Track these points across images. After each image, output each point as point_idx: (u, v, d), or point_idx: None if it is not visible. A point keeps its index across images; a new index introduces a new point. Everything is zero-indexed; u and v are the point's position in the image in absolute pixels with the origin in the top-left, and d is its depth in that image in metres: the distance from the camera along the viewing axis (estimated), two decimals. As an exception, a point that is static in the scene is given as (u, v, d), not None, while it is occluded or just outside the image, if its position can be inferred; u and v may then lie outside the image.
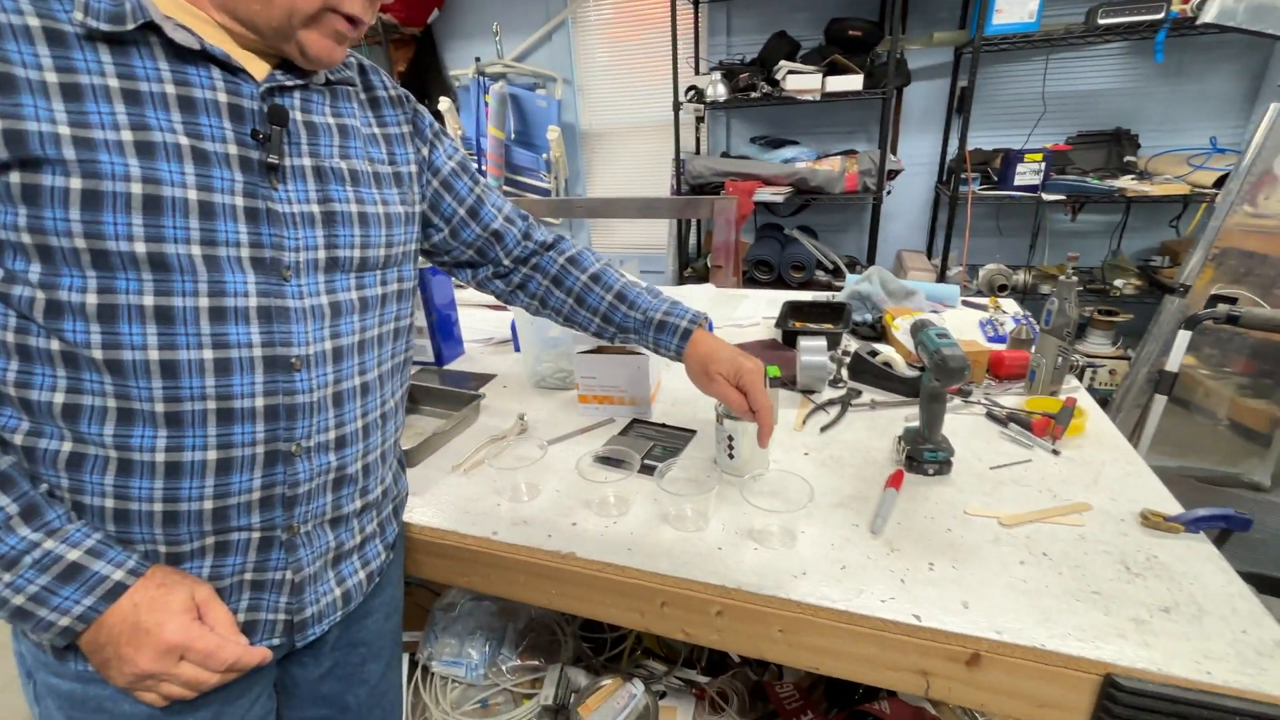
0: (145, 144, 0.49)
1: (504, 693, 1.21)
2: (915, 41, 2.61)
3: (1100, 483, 0.83)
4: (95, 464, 0.52)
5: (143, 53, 0.51)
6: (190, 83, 0.52)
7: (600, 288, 0.83)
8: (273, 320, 0.55)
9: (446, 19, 3.33)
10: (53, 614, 0.51)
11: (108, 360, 0.50)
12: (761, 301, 1.62)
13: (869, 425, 1.01)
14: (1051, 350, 1.03)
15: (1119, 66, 2.50)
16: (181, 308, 0.51)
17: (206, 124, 0.52)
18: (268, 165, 0.55)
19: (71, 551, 0.51)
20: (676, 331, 0.81)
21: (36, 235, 0.48)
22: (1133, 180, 2.34)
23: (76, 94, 0.48)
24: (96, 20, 0.48)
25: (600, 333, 0.86)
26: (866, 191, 2.59)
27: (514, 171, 3.30)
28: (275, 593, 0.61)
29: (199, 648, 0.54)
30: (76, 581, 0.51)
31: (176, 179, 0.50)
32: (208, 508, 0.55)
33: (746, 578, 0.70)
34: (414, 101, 0.73)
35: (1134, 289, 2.42)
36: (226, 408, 0.54)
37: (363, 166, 0.63)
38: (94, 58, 0.49)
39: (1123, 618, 0.62)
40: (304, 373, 0.58)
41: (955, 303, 1.53)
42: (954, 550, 0.72)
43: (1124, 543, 0.72)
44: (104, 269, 0.49)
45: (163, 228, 0.50)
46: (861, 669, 0.66)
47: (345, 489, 0.64)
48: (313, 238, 0.58)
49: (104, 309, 0.50)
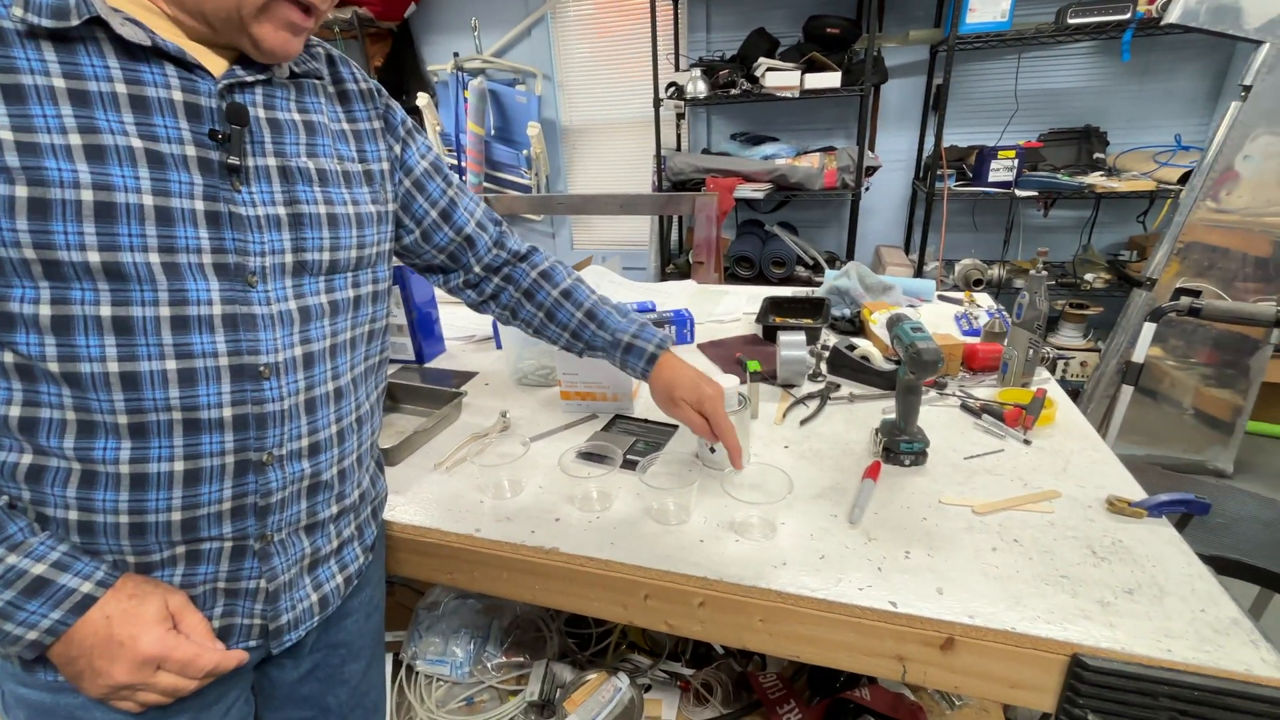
0: (95, 148, 0.47)
1: (489, 690, 1.21)
2: (892, 39, 2.64)
3: (1069, 471, 0.86)
4: (57, 476, 0.51)
5: (90, 50, 0.48)
6: (143, 81, 0.49)
7: (571, 304, 0.85)
8: (239, 328, 0.54)
9: (424, 13, 3.29)
10: (19, 628, 0.49)
11: (65, 373, 0.49)
12: (742, 297, 1.64)
13: (847, 418, 1.02)
14: (1023, 343, 1.05)
15: (1088, 65, 2.56)
16: (141, 317, 0.50)
17: (161, 125, 0.50)
18: (229, 166, 0.53)
19: (36, 565, 0.50)
20: (643, 355, 0.83)
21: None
22: (1102, 177, 2.40)
23: (18, 95, 0.45)
24: (38, 16, 0.45)
25: (569, 347, 0.87)
26: (845, 188, 2.62)
27: (494, 168, 3.28)
28: (250, 600, 0.60)
29: (176, 657, 0.54)
30: (43, 595, 0.50)
31: (130, 184, 0.48)
32: (176, 519, 0.54)
33: (728, 569, 0.71)
34: (386, 96, 0.71)
35: (1104, 283, 2.48)
36: (193, 418, 0.52)
37: (331, 165, 0.61)
38: (36, 56, 0.46)
39: (1089, 600, 0.64)
40: (273, 380, 0.56)
41: (931, 297, 1.56)
42: (929, 538, 0.74)
43: (1090, 528, 0.75)
44: (57, 279, 0.47)
45: (117, 235, 0.48)
46: (840, 656, 0.68)
47: (320, 495, 0.63)
48: (279, 241, 0.56)
49: (58, 320, 0.48)
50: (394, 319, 1.28)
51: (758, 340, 1.36)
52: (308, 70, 0.61)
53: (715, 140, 3.13)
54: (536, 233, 3.65)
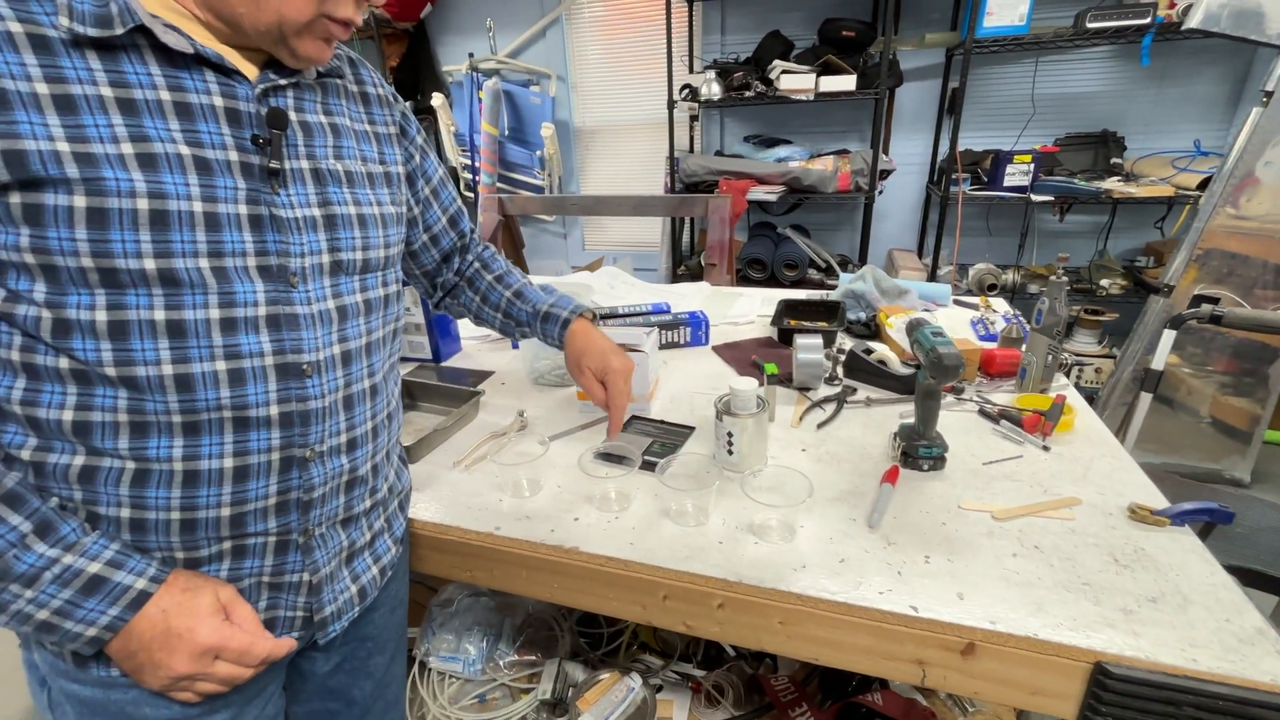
0: (147, 156, 0.48)
1: (501, 687, 1.21)
2: (907, 43, 2.63)
3: (1089, 478, 0.86)
4: (110, 475, 0.52)
5: (133, 57, 0.48)
6: (185, 88, 0.50)
7: (502, 286, 0.89)
8: (282, 328, 0.55)
9: (439, 14, 3.32)
10: (79, 625, 0.51)
11: (121, 376, 0.50)
12: (756, 300, 1.64)
13: (864, 422, 1.02)
14: (1042, 349, 1.05)
15: (1106, 70, 2.54)
16: (193, 320, 0.51)
17: (205, 131, 0.51)
18: (269, 170, 0.54)
19: (91, 565, 0.51)
20: (558, 321, 0.86)
21: (41, 255, 0.46)
22: (1119, 182, 2.38)
23: (70, 106, 0.46)
24: (83, 25, 0.46)
25: (504, 329, 0.91)
26: (859, 191, 2.61)
27: (507, 168, 3.30)
28: (293, 593, 0.62)
29: (233, 646, 0.55)
30: (100, 593, 0.51)
31: (181, 191, 0.49)
32: (225, 514, 0.55)
33: (747, 571, 0.71)
34: (403, 103, 0.73)
35: (1120, 289, 2.46)
36: (242, 416, 0.54)
37: (357, 167, 0.63)
38: (83, 65, 0.46)
39: (1112, 608, 0.64)
40: (315, 378, 0.58)
41: (947, 302, 1.55)
42: (949, 543, 0.74)
43: (1112, 536, 0.74)
44: (113, 286, 0.48)
45: (170, 242, 0.49)
46: (859, 659, 0.68)
47: (357, 490, 0.65)
48: (316, 242, 0.57)
49: (115, 325, 0.49)
50: (412, 317, 1.29)
51: (773, 343, 1.36)
52: (331, 69, 0.62)
53: (728, 142, 3.14)
54: (548, 233, 3.67)
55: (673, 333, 1.34)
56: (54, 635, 0.51)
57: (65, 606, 0.50)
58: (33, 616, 0.49)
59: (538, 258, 3.68)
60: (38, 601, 0.49)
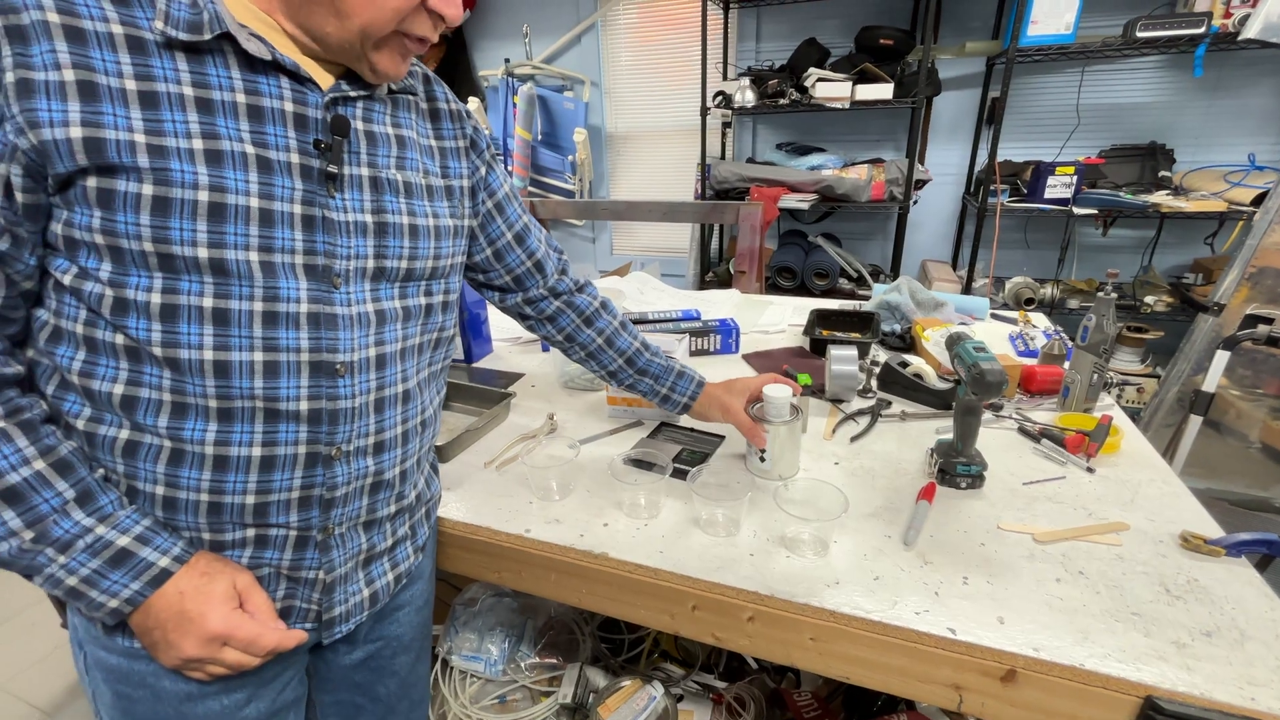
0: (214, 152, 0.51)
1: (522, 689, 1.22)
2: (947, 51, 2.59)
3: (1137, 503, 0.82)
4: (149, 452, 0.54)
5: (217, 61, 0.52)
6: (260, 92, 0.53)
7: (628, 334, 0.92)
8: (320, 326, 0.56)
9: (478, 20, 3.37)
10: (102, 596, 0.53)
11: (167, 357, 0.52)
12: (787, 308, 1.62)
13: (899, 436, 1.00)
14: (1087, 367, 1.02)
15: (1155, 80, 2.46)
16: (237, 311, 0.53)
17: (272, 133, 0.53)
18: (327, 174, 0.56)
19: (121, 537, 0.53)
20: (693, 380, 0.94)
21: (109, 236, 0.49)
22: (1167, 196, 2.30)
23: (153, 102, 0.49)
24: (176, 30, 0.49)
25: (618, 371, 0.92)
26: (893, 200, 2.57)
27: (539, 172, 3.33)
28: (308, 588, 0.63)
29: (240, 636, 0.56)
30: (125, 566, 0.53)
31: (241, 187, 0.51)
32: (250, 502, 0.56)
33: (779, 584, 0.70)
34: (474, 119, 0.74)
35: (1165, 306, 2.38)
36: (273, 408, 0.55)
37: (417, 179, 0.64)
38: (171, 65, 0.50)
39: (1163, 640, 0.61)
40: (348, 378, 0.58)
41: (985, 315, 1.52)
42: (988, 565, 0.72)
43: (1163, 564, 0.71)
44: (169, 271, 0.51)
45: (225, 234, 0.51)
46: (893, 680, 0.66)
47: (381, 494, 0.65)
48: (363, 247, 0.59)
49: (166, 308, 0.51)
50: (445, 318, 1.31)
51: (804, 353, 1.34)
52: (405, 88, 0.64)
53: (760, 149, 3.12)
54: (577, 237, 3.69)
55: (703, 340, 1.34)
56: (81, 602, 0.53)
57: (93, 575, 0.52)
58: (63, 582, 0.52)
59: (566, 261, 3.70)
60: (68, 568, 0.51)
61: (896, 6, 2.67)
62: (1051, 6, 2.14)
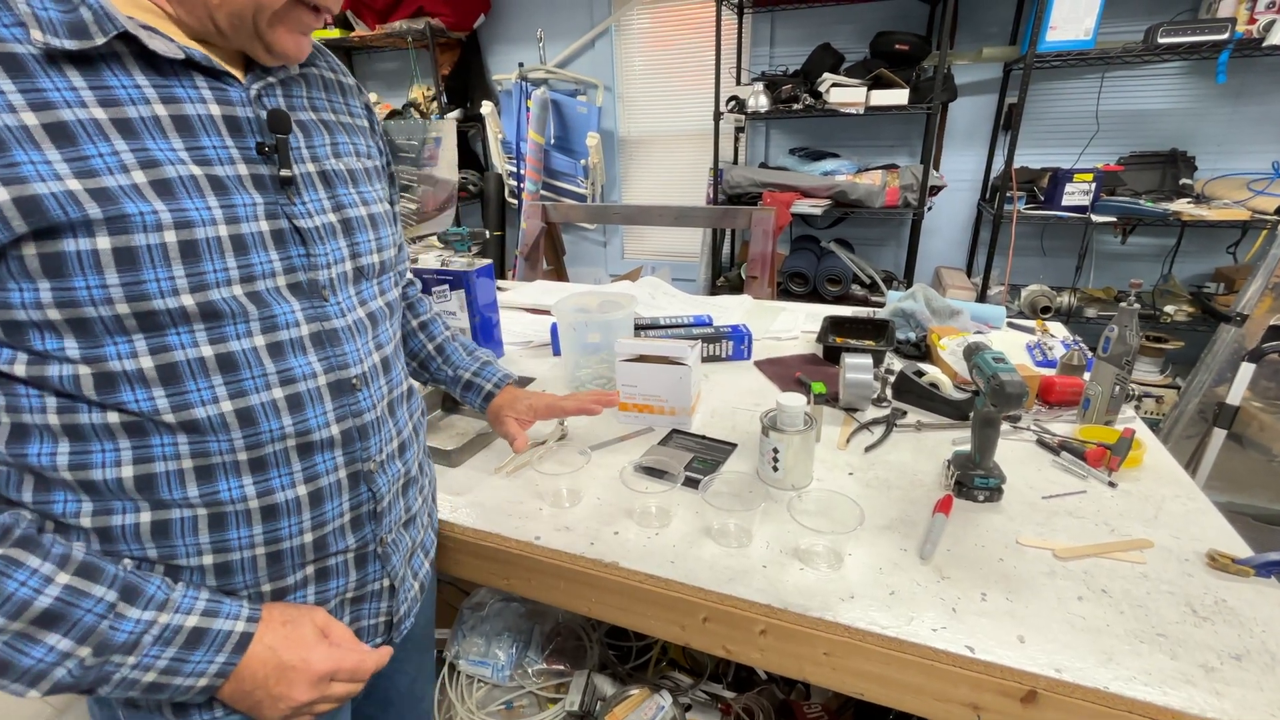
0: (161, 182, 0.43)
1: (529, 696, 1.21)
2: (964, 56, 2.57)
3: (1161, 519, 0.80)
4: (185, 526, 0.49)
5: (114, 69, 0.42)
6: (178, 98, 0.45)
7: (425, 335, 0.88)
8: (326, 344, 0.54)
9: (492, 24, 3.39)
10: (189, 679, 0.49)
11: (181, 421, 0.47)
12: (800, 315, 1.61)
13: (915, 447, 0.99)
14: (1108, 379, 1.00)
15: (1177, 86, 2.42)
16: (240, 351, 0.48)
17: (210, 145, 0.46)
18: (281, 180, 0.50)
19: (188, 618, 0.48)
20: (481, 392, 0.89)
21: (67, 309, 0.42)
22: (1189, 204, 2.27)
23: (66, 135, 0.40)
24: (56, 36, 0.39)
25: (415, 375, 0.90)
26: (907, 206, 2.55)
27: (551, 176, 3.34)
28: (375, 601, 0.62)
29: (347, 667, 0.55)
30: (204, 644, 0.49)
31: (205, 216, 0.45)
32: (308, 540, 0.55)
33: (793, 597, 0.69)
34: (365, 94, 0.68)
35: (1186, 316, 2.34)
36: (306, 442, 0.53)
37: (354, 163, 0.59)
38: (65, 84, 0.40)
39: (1191, 663, 0.59)
40: (365, 390, 0.57)
41: (1001, 324, 1.49)
42: (1007, 581, 0.70)
43: (1189, 584, 0.69)
44: (151, 330, 0.44)
45: (204, 274, 0.45)
46: (908, 698, 0.65)
47: (411, 490, 0.66)
48: (338, 250, 0.55)
49: (164, 370, 0.45)
50: (458, 321, 1.31)
51: (817, 360, 1.33)
52: (309, 60, 0.58)
53: (773, 154, 3.11)
54: (588, 241, 3.69)
55: (714, 346, 1.33)
56: (164, 693, 0.49)
57: (171, 664, 0.48)
58: (139, 681, 0.47)
59: (577, 265, 3.70)
60: (142, 666, 0.47)
61: (912, 12, 2.65)
62: (1071, 12, 2.12)
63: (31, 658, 0.43)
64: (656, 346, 1.05)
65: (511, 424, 0.86)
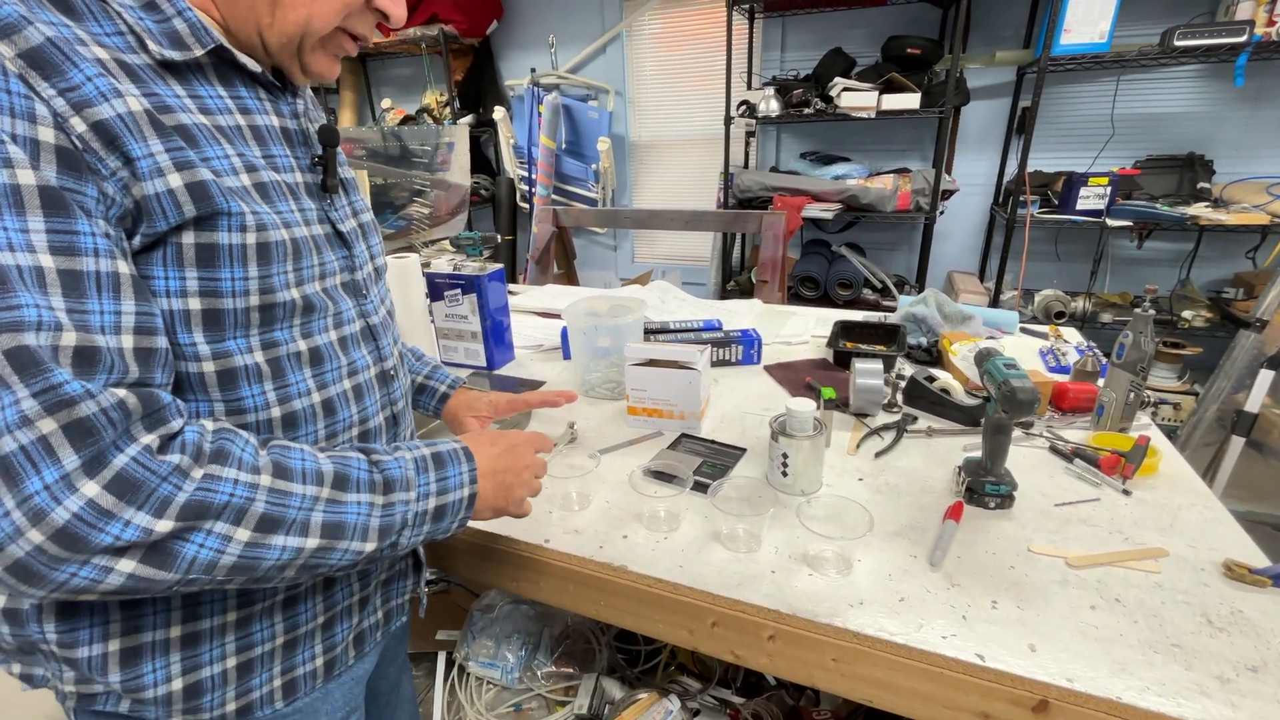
0: (260, 186, 0.46)
1: (538, 698, 1.21)
2: (976, 60, 2.55)
3: (1176, 528, 0.79)
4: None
5: (199, 79, 0.45)
6: (250, 109, 0.48)
7: None
8: (373, 338, 0.58)
9: (504, 30, 3.42)
10: (458, 491, 0.53)
11: (284, 416, 0.49)
12: (810, 319, 1.60)
13: (925, 453, 0.98)
14: (1123, 385, 0.98)
15: (1194, 89, 2.40)
16: (323, 345, 0.52)
17: (279, 155, 0.50)
18: (325, 187, 0.54)
19: (420, 449, 0.53)
20: (435, 394, 0.89)
21: (208, 299, 0.43)
22: (1206, 208, 2.23)
23: (188, 136, 0.42)
24: (161, 46, 0.41)
25: None
26: (919, 211, 2.54)
27: (562, 180, 3.36)
28: (402, 579, 0.66)
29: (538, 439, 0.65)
30: (448, 461, 0.54)
31: (294, 219, 0.49)
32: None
33: (801, 603, 0.69)
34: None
35: (1204, 321, 2.30)
36: (364, 430, 0.57)
37: (347, 173, 0.62)
38: (170, 92, 0.42)
39: (1206, 674, 0.59)
40: (397, 381, 0.61)
41: (1014, 329, 1.48)
42: (1018, 589, 0.70)
43: (1205, 594, 0.68)
44: (266, 324, 0.47)
45: (303, 270, 0.49)
46: (917, 706, 0.64)
47: None
48: (363, 253, 0.59)
49: (273, 364, 0.48)
50: (469, 325, 1.32)
51: (827, 365, 1.32)
52: None
53: (784, 159, 3.10)
54: (599, 245, 3.71)
55: (724, 350, 1.33)
56: (444, 520, 0.53)
57: (441, 484, 0.52)
58: (425, 510, 0.51)
59: (588, 269, 3.72)
60: (422, 493, 0.51)
61: (924, 16, 2.64)
62: (1085, 15, 2.10)
63: (351, 513, 0.46)
64: (666, 351, 1.05)
65: (472, 423, 0.87)
